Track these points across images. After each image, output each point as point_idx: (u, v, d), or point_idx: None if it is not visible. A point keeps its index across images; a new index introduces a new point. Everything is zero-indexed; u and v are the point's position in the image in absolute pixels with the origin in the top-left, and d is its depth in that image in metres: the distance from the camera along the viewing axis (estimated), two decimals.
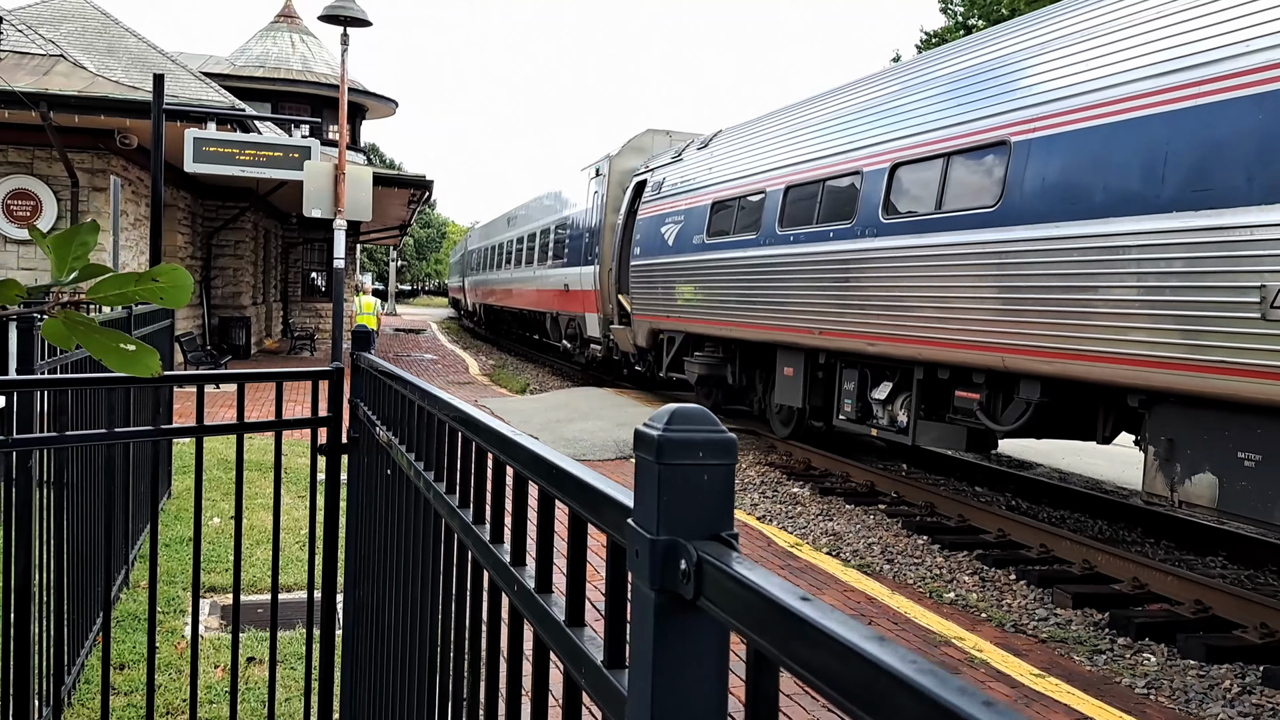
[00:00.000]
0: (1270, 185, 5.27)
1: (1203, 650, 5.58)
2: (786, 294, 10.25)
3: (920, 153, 8.36)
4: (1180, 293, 5.75)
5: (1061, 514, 9.17)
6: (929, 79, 8.77)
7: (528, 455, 1.01)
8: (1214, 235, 5.54)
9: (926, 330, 8.03)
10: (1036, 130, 7.04)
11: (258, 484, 8.16)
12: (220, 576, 5.71)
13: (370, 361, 2.50)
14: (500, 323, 32.45)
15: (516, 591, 1.03)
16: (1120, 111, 6.34)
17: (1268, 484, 5.45)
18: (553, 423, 12.68)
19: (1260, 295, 5.25)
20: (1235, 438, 5.68)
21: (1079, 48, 6.94)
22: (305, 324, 25.57)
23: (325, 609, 3.00)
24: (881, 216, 8.69)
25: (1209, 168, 5.64)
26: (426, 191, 18.89)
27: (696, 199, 12.93)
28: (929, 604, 6.40)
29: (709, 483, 0.67)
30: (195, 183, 17.72)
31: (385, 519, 2.23)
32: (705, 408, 0.69)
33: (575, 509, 0.86)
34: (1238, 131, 5.51)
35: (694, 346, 13.32)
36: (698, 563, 0.64)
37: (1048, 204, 6.80)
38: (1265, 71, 5.38)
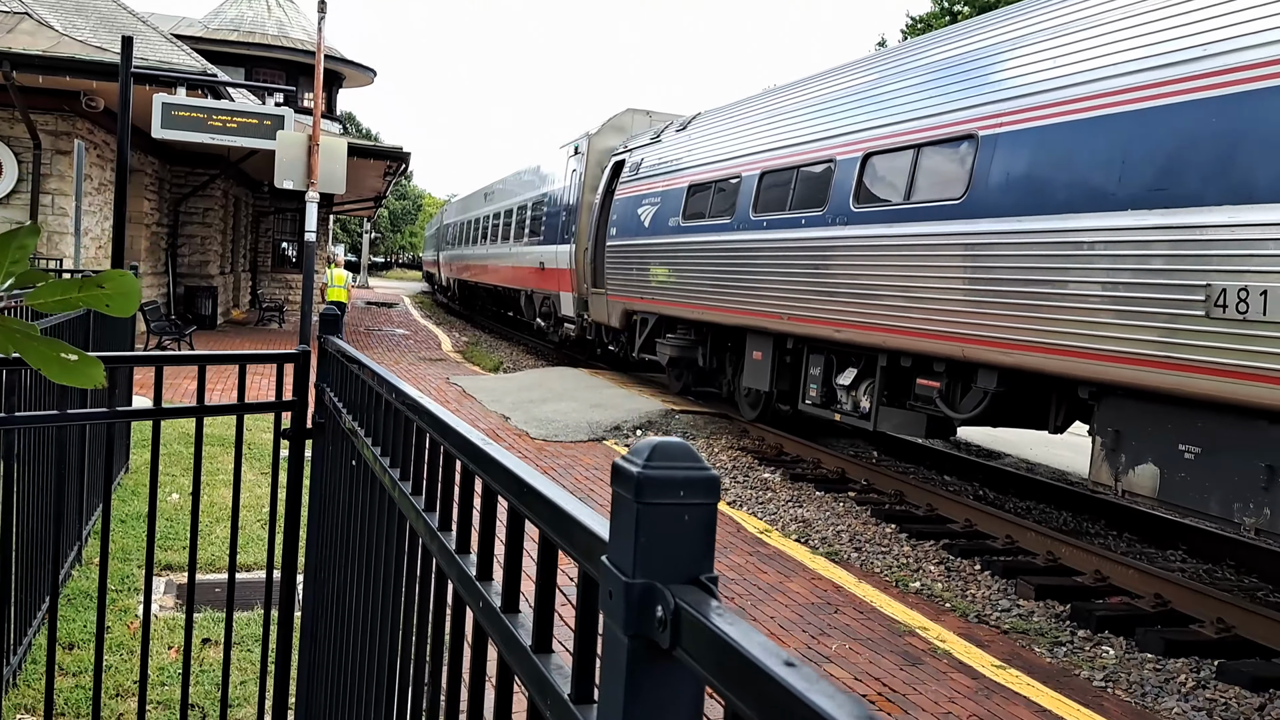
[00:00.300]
0: (1221, 188, 5.42)
1: (1161, 644, 5.66)
2: (758, 279, 10.34)
3: (892, 143, 8.44)
4: (1132, 289, 5.91)
5: (1028, 504, 9.26)
6: (903, 70, 8.84)
7: (499, 469, 0.96)
8: (1166, 235, 5.70)
9: (891, 319, 8.17)
10: (1004, 125, 7.14)
11: (220, 459, 8.04)
12: (178, 555, 5.61)
13: (339, 347, 2.44)
14: (474, 299, 32.40)
15: (482, 608, 0.98)
16: (1084, 110, 6.45)
17: (1205, 476, 5.68)
18: (525, 402, 12.61)
19: (1206, 294, 5.43)
20: (1177, 431, 5.90)
21: (1047, 45, 7.03)
22: (274, 295, 25.24)
23: (284, 591, 2.94)
24: (853, 205, 8.79)
25: (1164, 169, 5.78)
26: (403, 164, 18.65)
27: (673, 181, 12.93)
28: (895, 593, 6.44)
29: (689, 524, 0.63)
30: (164, 148, 17.37)
31: (349, 508, 2.17)
32: (682, 445, 0.65)
33: (546, 532, 0.82)
34: (1193, 135, 5.65)
35: (666, 328, 13.38)
36: (675, 611, 0.60)
37: (1012, 198, 6.91)
38: (1218, 76, 5.54)
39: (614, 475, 0.65)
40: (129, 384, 6.82)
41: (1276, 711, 4.95)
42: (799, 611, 5.74)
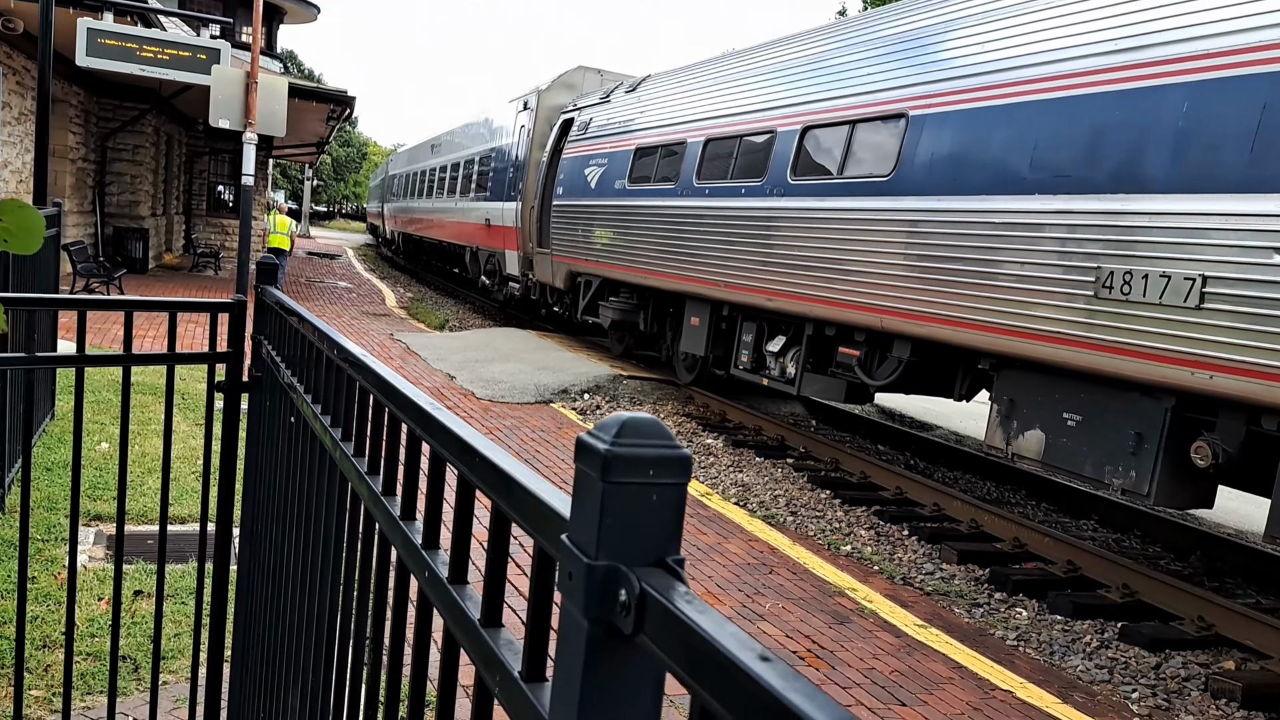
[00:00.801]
0: (1115, 177, 5.77)
1: (1070, 606, 5.95)
2: (699, 246, 10.48)
3: (829, 117, 8.63)
4: (1034, 269, 6.29)
5: (955, 474, 9.53)
6: (844, 45, 9.02)
7: (449, 435, 0.94)
8: (1066, 219, 6.07)
9: (819, 290, 8.48)
10: (932, 106, 7.39)
11: (154, 408, 7.85)
12: (110, 505, 5.49)
13: (277, 298, 2.38)
14: (419, 253, 31.81)
15: (428, 578, 0.96)
16: (1004, 96, 6.75)
17: (1083, 442, 6.22)
18: (472, 362, 12.51)
19: (1095, 276, 5.85)
20: (1062, 400, 6.41)
21: (975, 29, 7.28)
22: (210, 240, 24.50)
23: (220, 545, 2.90)
24: (790, 178, 8.98)
25: (1068, 157, 6.13)
26: (347, 109, 18.10)
27: (621, 143, 12.86)
28: (827, 555, 6.60)
29: (658, 504, 0.61)
30: (91, 78, 16.61)
31: (287, 465, 2.14)
32: (653, 421, 0.64)
33: (500, 505, 0.80)
34: (1093, 126, 5.99)
35: (610, 291, 13.40)
36: (640, 595, 0.58)
37: (936, 178, 7.20)
38: (1117, 72, 5.89)
39: (578, 451, 0.63)
40: (53, 328, 6.59)
41: (1171, 670, 5.24)
42: (736, 571, 5.85)
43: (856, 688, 4.44)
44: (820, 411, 12.17)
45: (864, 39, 8.71)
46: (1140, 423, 5.85)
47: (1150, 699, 4.92)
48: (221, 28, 13.94)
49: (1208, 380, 5.25)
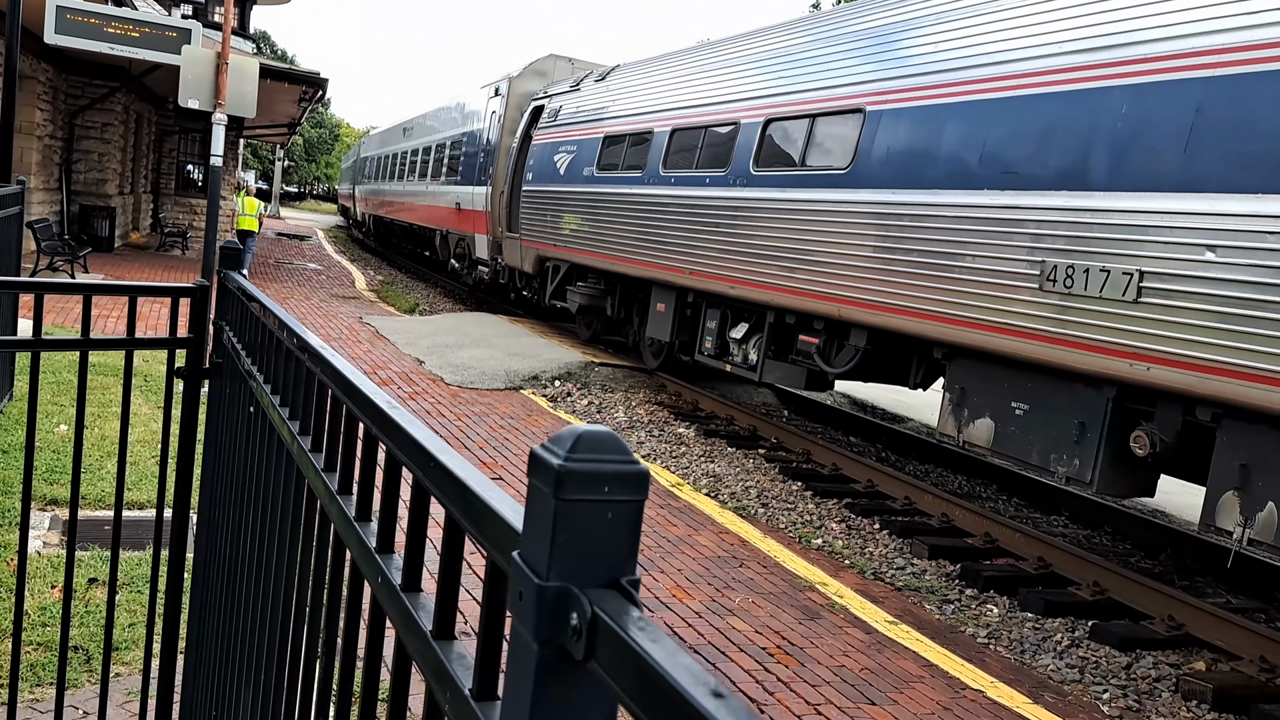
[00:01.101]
0: (1056, 173, 6.01)
1: (1040, 604, 5.97)
2: (665, 234, 10.65)
3: (792, 110, 8.85)
4: (983, 262, 6.50)
5: (927, 468, 9.57)
6: (806, 40, 9.24)
7: (405, 437, 0.89)
8: (1012, 214, 6.30)
9: (780, 278, 8.68)
10: (889, 102, 7.62)
11: (114, 390, 7.70)
12: (66, 489, 5.36)
13: (239, 284, 2.31)
14: (390, 235, 31.87)
15: (380, 584, 0.92)
16: (956, 94, 6.96)
17: (1030, 430, 6.44)
18: (441, 347, 12.40)
19: (1040, 269, 6.06)
20: (1011, 390, 6.63)
21: (931, 29, 7.50)
22: (178, 220, 24.11)
23: (176, 532, 2.82)
24: (753, 168, 9.19)
25: (1016, 155, 6.36)
26: (320, 90, 17.86)
27: (590, 131, 13.01)
28: (798, 548, 6.60)
29: (613, 522, 0.58)
30: (59, 55, 16.27)
31: (246, 454, 2.08)
32: (610, 435, 0.60)
33: (453, 514, 0.76)
34: (1041, 125, 6.22)
35: (578, 277, 13.53)
36: (592, 620, 0.55)
37: (891, 171, 7.42)
38: (1064, 73, 6.13)
39: (531, 466, 0.59)
40: (14, 308, 6.44)
41: (1142, 670, 5.27)
42: (706, 564, 5.83)
43: (826, 686, 4.44)
44: (792, 402, 12.19)
45: (826, 35, 8.92)
46: (1083, 412, 6.06)
47: (1121, 699, 4.93)
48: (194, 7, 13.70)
49: (1145, 372, 5.46)
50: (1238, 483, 5.20)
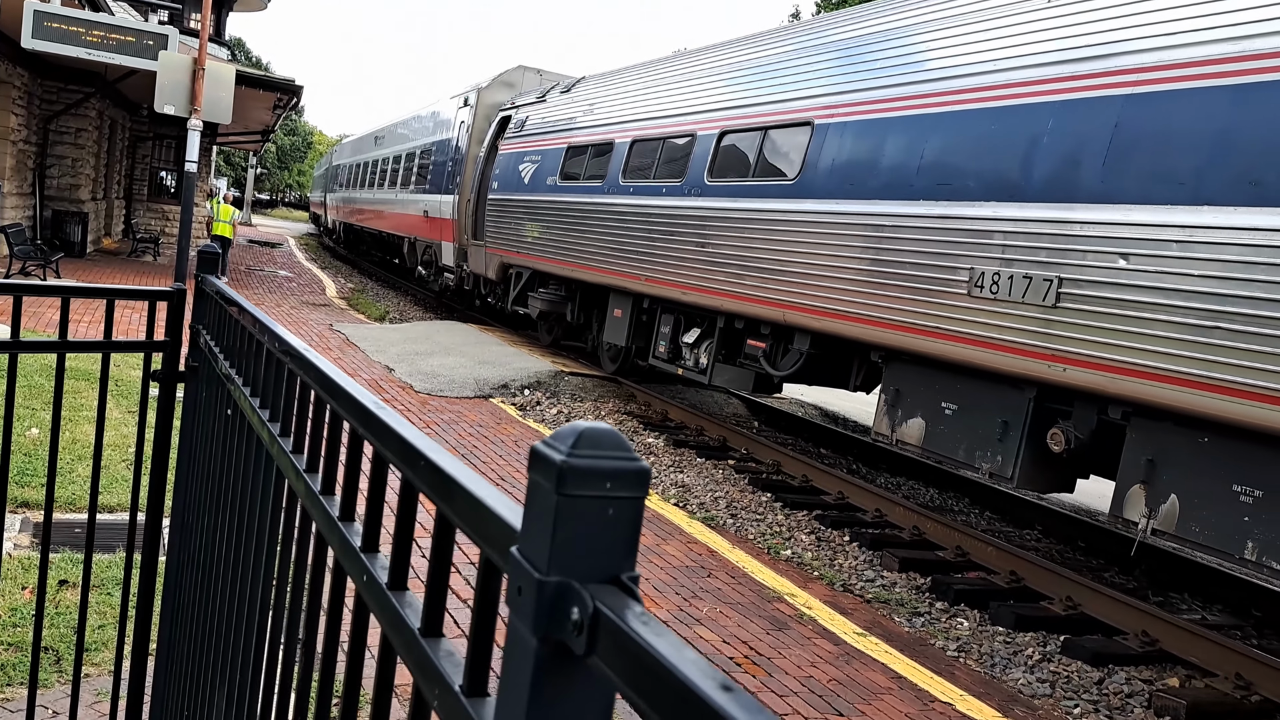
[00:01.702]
0: (985, 185, 6.35)
1: (1012, 618, 6.00)
2: (623, 242, 10.99)
3: (744, 123, 9.17)
4: (915, 269, 6.82)
5: (897, 480, 9.66)
6: (760, 55, 9.62)
7: (392, 436, 0.92)
8: (945, 224, 6.62)
9: (730, 285, 9.01)
10: (835, 115, 7.96)
11: (86, 394, 7.61)
12: (37, 492, 5.31)
13: (217, 288, 2.32)
14: (360, 243, 32.31)
15: (365, 582, 0.94)
16: (895, 109, 7.31)
17: (958, 428, 6.81)
18: (411, 354, 12.36)
19: (969, 276, 6.38)
20: (941, 391, 7.00)
21: (874, 46, 7.88)
22: (150, 226, 23.87)
23: (149, 535, 2.82)
24: (707, 179, 9.53)
25: (948, 167, 6.69)
26: (294, 97, 17.78)
27: (554, 141, 13.36)
28: (766, 559, 6.63)
29: (614, 518, 0.59)
30: (35, 60, 16.10)
31: (222, 457, 2.09)
32: (611, 432, 0.62)
33: (445, 511, 0.78)
34: (971, 138, 6.58)
35: (539, 283, 13.89)
36: (594, 614, 0.56)
37: (834, 182, 7.75)
38: (993, 90, 6.51)
39: (532, 461, 0.61)
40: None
41: (1114, 685, 5.30)
42: (674, 574, 5.85)
43: (794, 696, 4.46)
44: (762, 413, 12.26)
45: (779, 50, 9.29)
46: (1007, 412, 6.44)
47: (1093, 714, 4.94)
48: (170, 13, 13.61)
49: (1062, 373, 5.78)
50: (1144, 476, 5.55)
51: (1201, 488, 5.28)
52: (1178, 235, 5.12)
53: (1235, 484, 5.13)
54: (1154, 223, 5.24)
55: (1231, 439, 5.15)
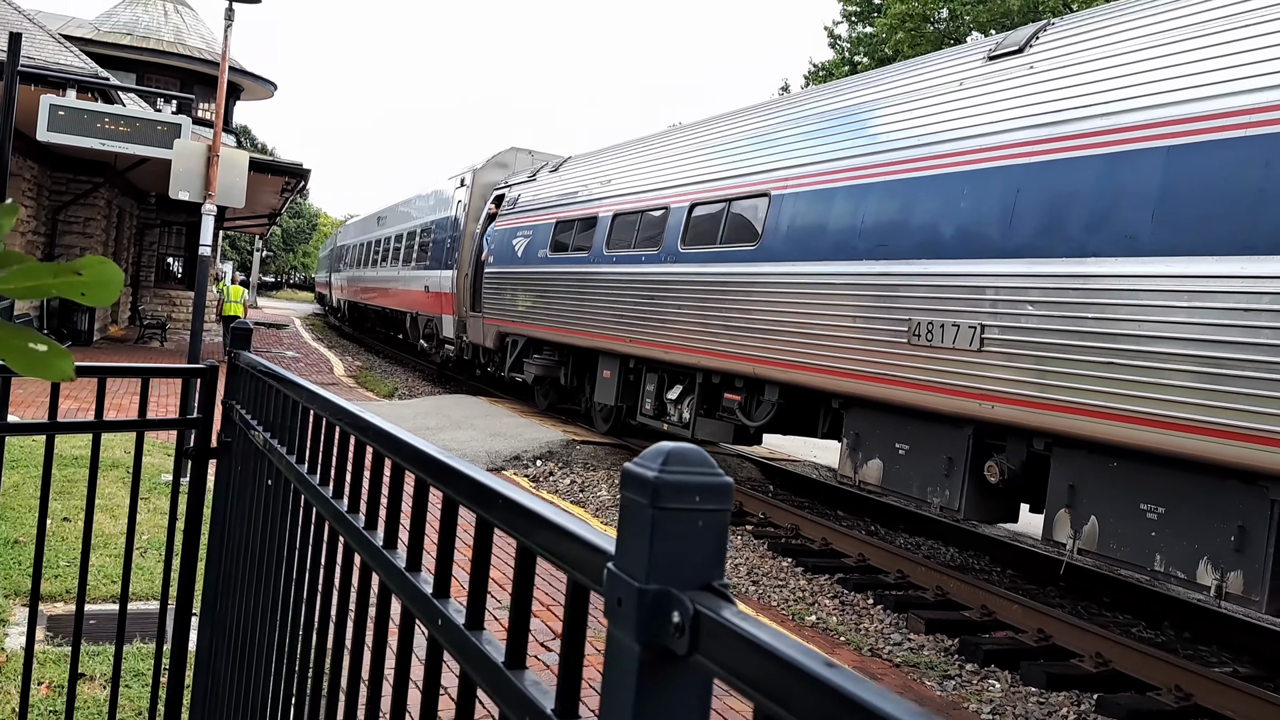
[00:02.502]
0: (917, 245, 7.08)
1: (1043, 677, 5.88)
2: (608, 307, 11.76)
3: (711, 195, 10.05)
4: (864, 321, 7.47)
5: (917, 540, 9.55)
6: (723, 134, 10.52)
7: (467, 482, 0.93)
8: (886, 280, 7.30)
9: (705, 343, 9.67)
10: (788, 186, 8.74)
11: (84, 483, 7.58)
12: (51, 584, 5.26)
13: (252, 361, 2.35)
14: (364, 320, 33.26)
15: (441, 626, 0.95)
16: (839, 180, 8.10)
17: (912, 467, 7.33)
18: (423, 430, 12.35)
19: (908, 326, 6.99)
20: (895, 432, 7.52)
21: (820, 125, 8.75)
22: (156, 311, 24.11)
23: (178, 622, 2.79)
24: (680, 247, 10.36)
25: (886, 229, 7.42)
26: (302, 181, 18.16)
27: (544, 216, 14.35)
28: (791, 626, 6.52)
29: (703, 529, 0.63)
30: (45, 152, 16.48)
31: (261, 531, 2.08)
32: (697, 450, 0.65)
33: (526, 545, 0.80)
34: (900, 204, 7.35)
35: (534, 350, 14.68)
36: (694, 616, 0.60)
37: (790, 246, 8.49)
38: (918, 163, 7.31)
39: (625, 481, 0.65)
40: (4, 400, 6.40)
41: None
42: None
43: None
44: (776, 476, 12.19)
45: (739, 130, 10.21)
46: (950, 449, 6.96)
47: None
48: (180, 103, 13.98)
49: (991, 410, 6.38)
50: (1067, 501, 6.07)
51: (1116, 509, 5.78)
52: (1071, 284, 5.82)
53: (1142, 503, 5.65)
54: (1050, 273, 5.97)
55: (1135, 462, 5.68)
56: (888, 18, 28.24)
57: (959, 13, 27.27)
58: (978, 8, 26.78)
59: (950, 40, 26.60)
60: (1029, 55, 6.85)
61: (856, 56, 31.58)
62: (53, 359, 0.78)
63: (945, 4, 27.64)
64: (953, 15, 27.67)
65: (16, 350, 0.77)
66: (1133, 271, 5.48)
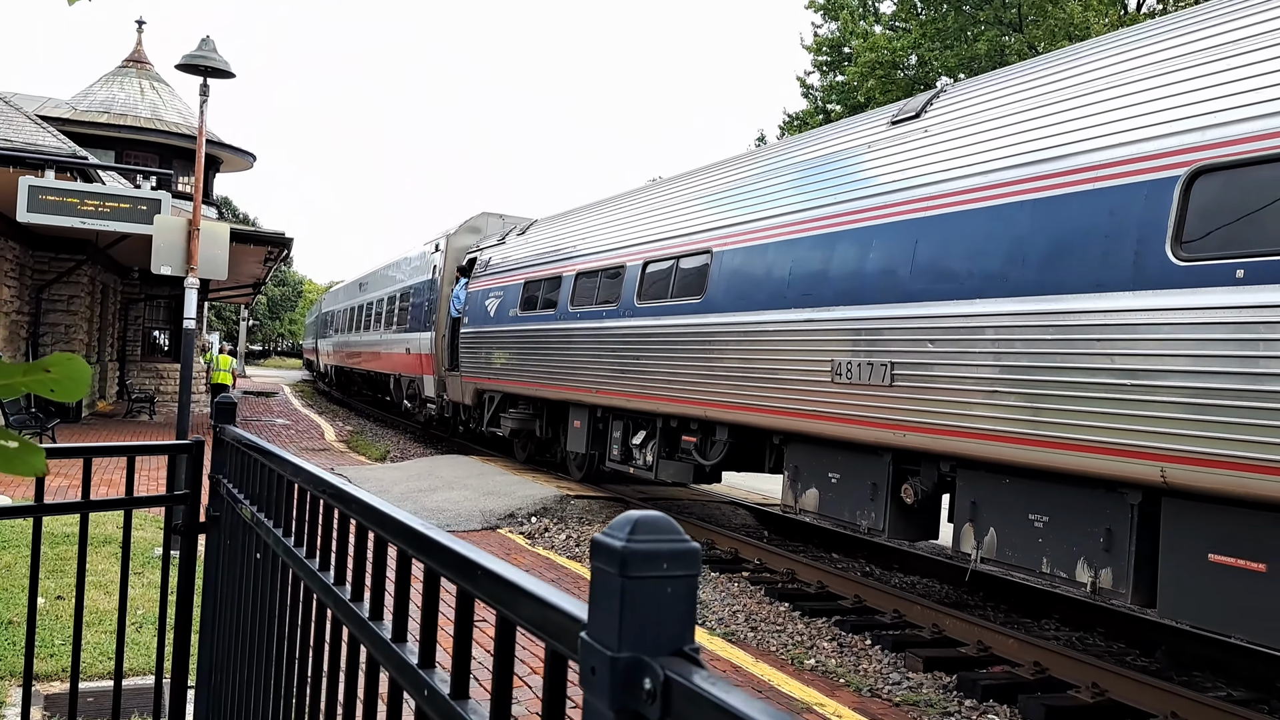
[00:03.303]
0: (836, 293, 7.83)
1: (1042, 711, 5.88)
2: (576, 360, 12.45)
3: (662, 253, 10.91)
4: (795, 363, 8.21)
5: (911, 579, 9.54)
6: (671, 197, 11.41)
7: (448, 555, 0.98)
8: (811, 326, 8.07)
9: (663, 389, 10.38)
10: (728, 244, 9.59)
11: (73, 561, 7.53)
12: (44, 663, 5.21)
13: (238, 436, 2.39)
14: (351, 383, 33.93)
15: (427, 696, 0.98)
16: (769, 236, 8.92)
17: (843, 493, 8.07)
18: (415, 492, 12.31)
19: (831, 366, 7.71)
20: (827, 463, 8.26)
21: (753, 187, 9.62)
22: (144, 385, 24.03)
23: (174, 698, 2.79)
24: (636, 302, 11.14)
25: (808, 279, 8.25)
26: (285, 249, 18.27)
27: (513, 278, 15.15)
28: (790, 670, 6.50)
29: (672, 596, 0.64)
30: (26, 232, 16.56)
31: (252, 603, 2.11)
32: (663, 518, 0.69)
33: (507, 615, 0.83)
34: (821, 256, 8.16)
35: (510, 404, 15.29)
36: (665, 682, 0.61)
37: (730, 298, 9.30)
38: (835, 219, 8.11)
39: (594, 551, 0.66)
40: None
41: None
42: None
43: None
44: (770, 522, 12.17)
45: (686, 192, 11.08)
46: (874, 475, 7.69)
47: None
48: (159, 179, 14.11)
49: (903, 438, 7.06)
50: (970, 516, 6.78)
51: (1010, 520, 6.51)
52: (961, 323, 6.58)
53: (1030, 513, 6.39)
54: (943, 314, 6.75)
55: (1024, 479, 6.43)
56: (858, 66, 28.76)
57: (927, 59, 27.82)
58: (945, 53, 27.33)
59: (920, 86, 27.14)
60: (924, 120, 7.63)
61: (829, 104, 32.11)
62: (25, 455, 0.83)
63: (914, 51, 28.20)
64: (921, 61, 28.21)
65: None
66: (1008, 310, 6.22)
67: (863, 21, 31.02)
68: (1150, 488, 5.53)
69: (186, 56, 9.47)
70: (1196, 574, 5.32)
